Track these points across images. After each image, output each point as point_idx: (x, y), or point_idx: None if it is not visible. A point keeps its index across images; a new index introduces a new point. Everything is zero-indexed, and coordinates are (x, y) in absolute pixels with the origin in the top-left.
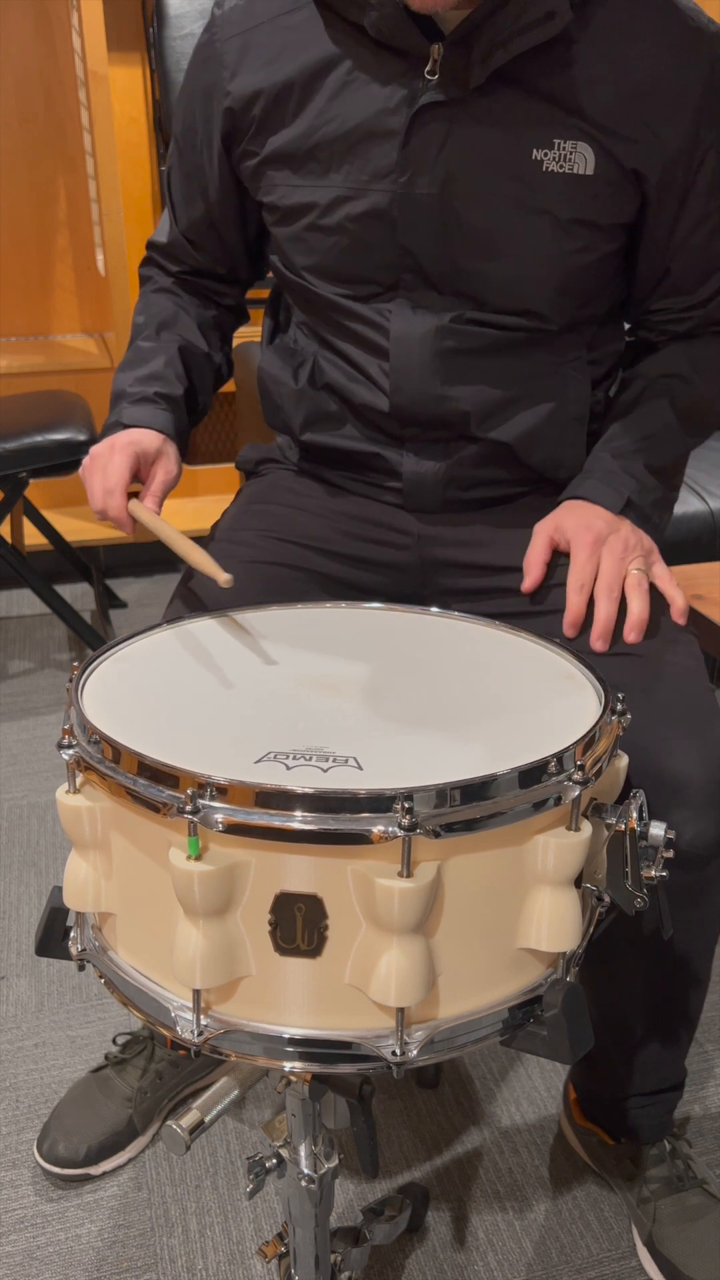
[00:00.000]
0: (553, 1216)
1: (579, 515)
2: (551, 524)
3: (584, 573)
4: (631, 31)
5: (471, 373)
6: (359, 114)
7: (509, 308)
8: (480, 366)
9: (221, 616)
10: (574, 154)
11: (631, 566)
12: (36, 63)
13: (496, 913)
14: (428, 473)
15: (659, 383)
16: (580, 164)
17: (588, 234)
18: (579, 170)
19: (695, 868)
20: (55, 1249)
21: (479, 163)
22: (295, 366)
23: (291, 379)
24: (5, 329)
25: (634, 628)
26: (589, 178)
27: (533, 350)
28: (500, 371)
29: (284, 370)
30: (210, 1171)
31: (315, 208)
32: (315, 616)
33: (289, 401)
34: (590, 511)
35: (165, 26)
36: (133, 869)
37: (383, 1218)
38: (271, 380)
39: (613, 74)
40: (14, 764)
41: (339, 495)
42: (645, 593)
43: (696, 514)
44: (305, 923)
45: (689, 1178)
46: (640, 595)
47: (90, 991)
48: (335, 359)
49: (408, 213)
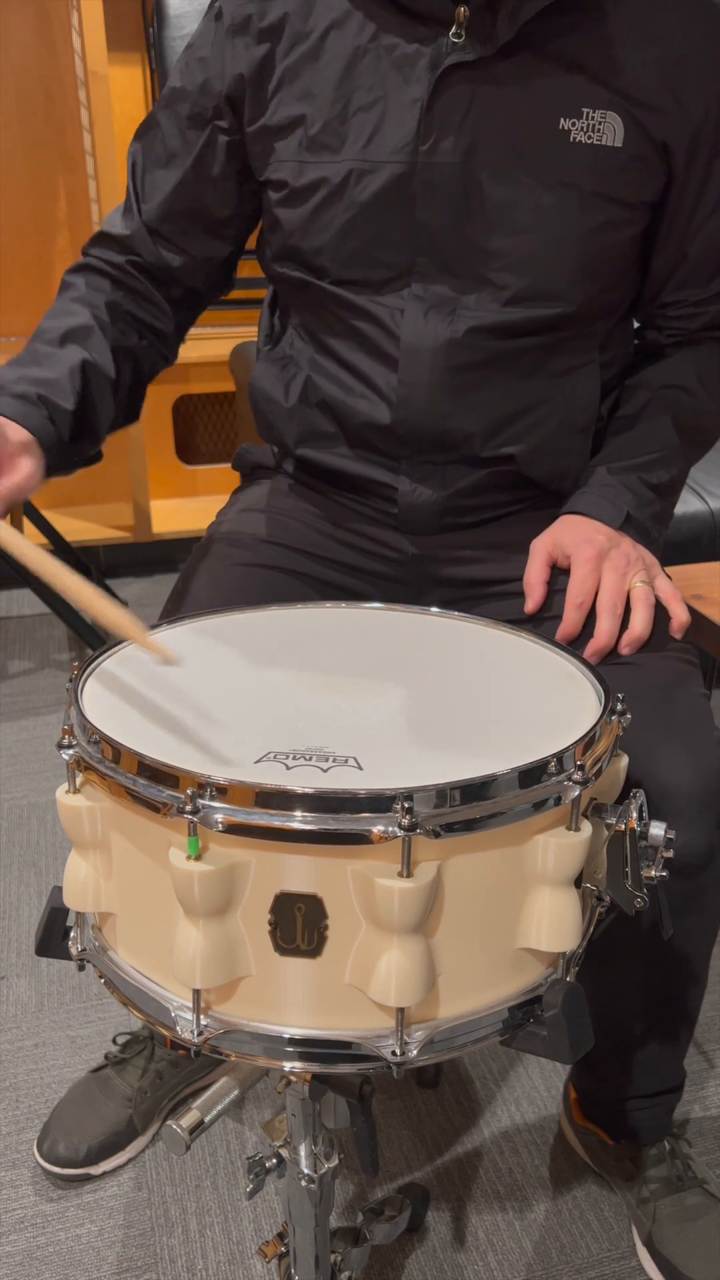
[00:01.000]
0: (553, 1216)
1: (578, 530)
2: (549, 540)
3: (584, 589)
4: (663, 2)
5: (482, 389)
6: (379, 81)
7: (528, 290)
8: (492, 382)
9: (221, 616)
10: (603, 124)
11: (636, 579)
12: (36, 63)
13: (496, 913)
14: (424, 500)
15: (663, 395)
16: (609, 135)
17: (613, 210)
18: (607, 142)
19: (689, 875)
20: (55, 1249)
21: (504, 131)
22: (287, 381)
23: (283, 396)
24: (5, 329)
25: (631, 643)
26: (617, 150)
27: (546, 357)
28: (511, 388)
29: (276, 385)
30: (210, 1171)
31: (327, 183)
32: (315, 616)
33: (281, 419)
34: (589, 526)
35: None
36: (133, 869)
37: (383, 1218)
38: (263, 397)
39: (643, 44)
40: (14, 764)
41: (333, 507)
42: (651, 606)
43: (696, 514)
44: (305, 923)
45: (689, 1178)
46: (645, 609)
47: (90, 991)
48: (333, 367)
49: (428, 184)
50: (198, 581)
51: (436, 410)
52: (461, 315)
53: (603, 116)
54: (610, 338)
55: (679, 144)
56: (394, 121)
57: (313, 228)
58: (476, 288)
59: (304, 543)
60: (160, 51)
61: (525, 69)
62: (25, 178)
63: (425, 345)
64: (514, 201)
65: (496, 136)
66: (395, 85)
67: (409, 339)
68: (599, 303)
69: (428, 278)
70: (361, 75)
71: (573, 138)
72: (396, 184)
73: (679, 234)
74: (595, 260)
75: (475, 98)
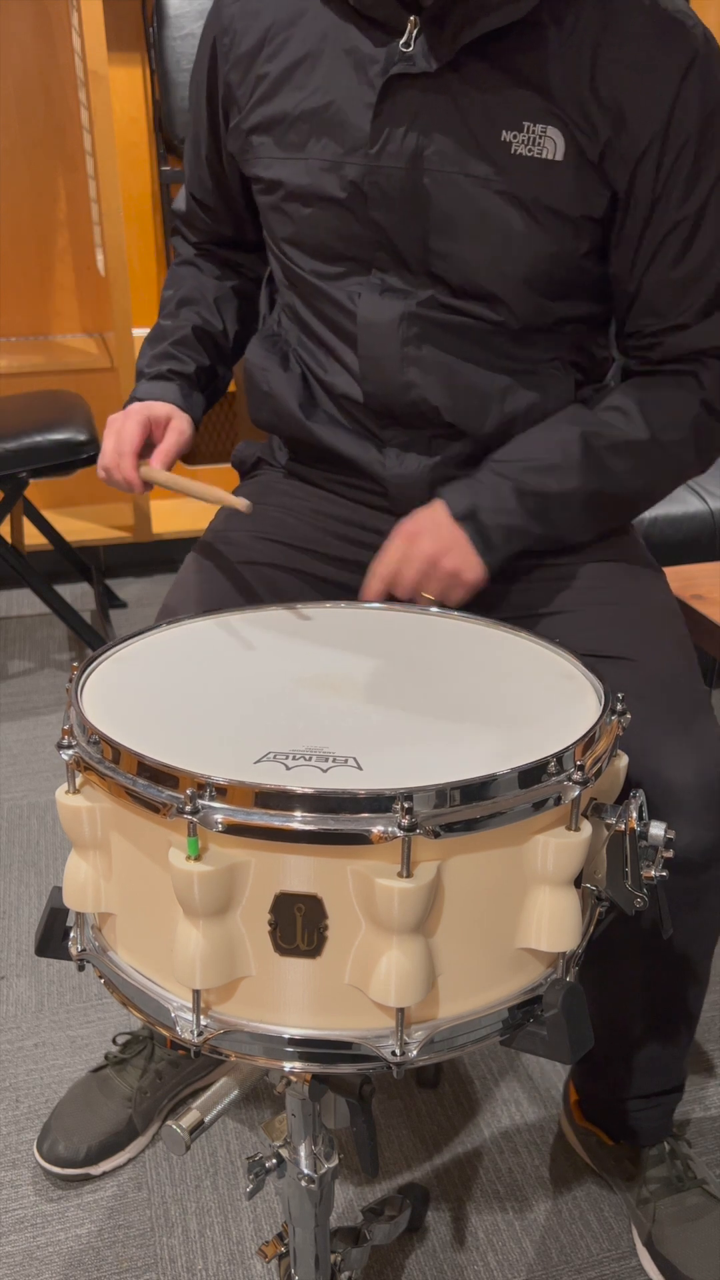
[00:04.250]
0: (553, 1216)
1: (422, 515)
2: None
3: (386, 572)
4: (611, 18)
5: (439, 363)
6: (338, 85)
7: (474, 293)
8: (447, 357)
9: (221, 616)
10: (543, 138)
11: (425, 592)
12: (36, 63)
13: (496, 912)
14: (410, 472)
15: (583, 411)
16: (549, 149)
17: (555, 224)
18: (547, 155)
19: (692, 873)
20: (55, 1249)
21: (448, 140)
22: (279, 356)
23: (278, 365)
24: (5, 329)
25: None
26: (557, 164)
27: (506, 345)
28: (470, 364)
29: (269, 358)
30: (210, 1171)
31: (293, 180)
32: (314, 616)
33: (278, 384)
34: (432, 513)
35: (165, 26)
36: (132, 869)
37: (383, 1218)
38: (257, 368)
39: (588, 60)
40: (14, 764)
41: (327, 499)
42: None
43: (696, 514)
44: (305, 923)
45: (688, 1178)
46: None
47: (90, 991)
48: (313, 346)
49: (378, 187)
50: (196, 581)
51: (399, 382)
52: (416, 295)
53: (543, 130)
54: (585, 345)
55: (623, 164)
56: (351, 123)
57: (281, 219)
58: (430, 283)
59: (299, 539)
60: (160, 51)
61: (472, 80)
62: (25, 178)
63: (381, 319)
64: (458, 208)
65: (441, 144)
66: (352, 87)
67: (365, 314)
68: (553, 315)
69: (388, 270)
70: (323, 76)
71: (514, 150)
72: (352, 184)
73: (628, 261)
74: (541, 273)
75: (421, 108)
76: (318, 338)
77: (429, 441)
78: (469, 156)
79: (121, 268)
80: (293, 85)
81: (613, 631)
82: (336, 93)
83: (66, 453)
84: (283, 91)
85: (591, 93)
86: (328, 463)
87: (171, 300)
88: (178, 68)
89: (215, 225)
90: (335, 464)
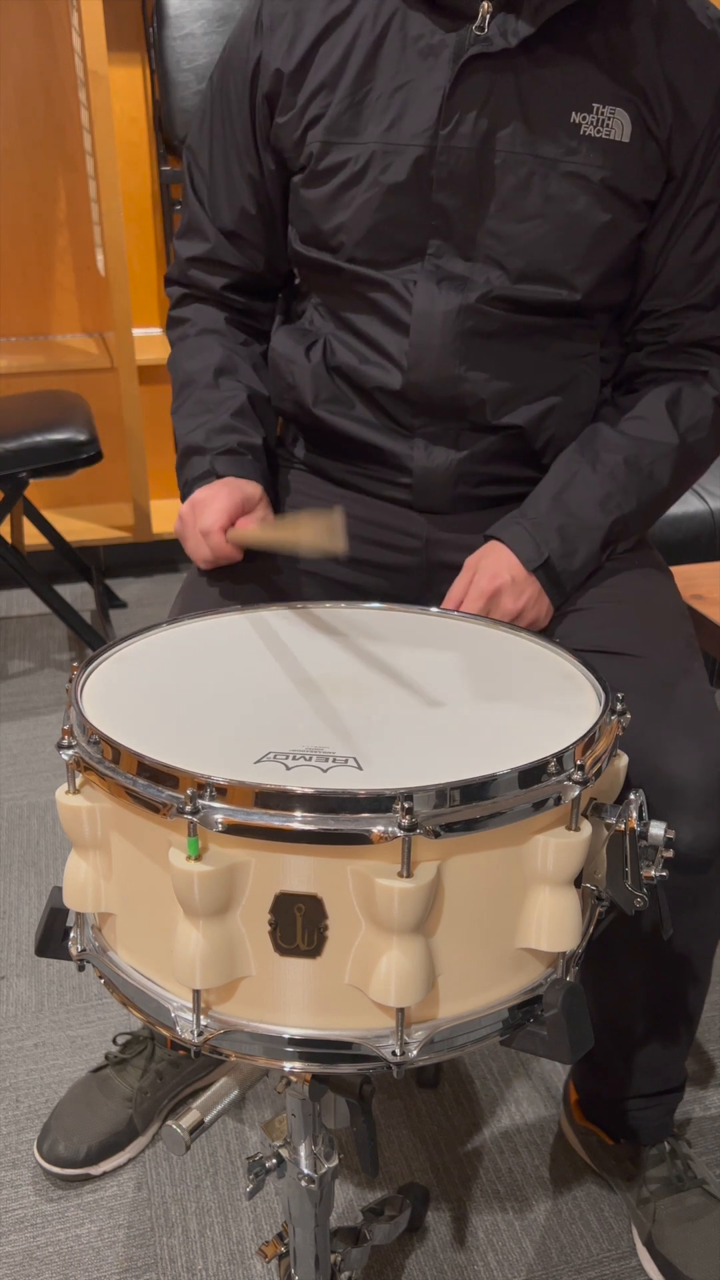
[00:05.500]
0: (553, 1216)
1: (492, 561)
2: (476, 560)
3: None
4: (681, 8)
5: (489, 358)
6: (404, 69)
7: (536, 273)
8: (498, 352)
9: (221, 616)
10: (611, 119)
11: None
12: (36, 63)
13: (496, 912)
14: (438, 465)
15: (625, 429)
16: (617, 130)
17: (617, 204)
18: (615, 136)
19: (695, 871)
20: (55, 1249)
21: (519, 120)
22: (307, 346)
23: (304, 356)
24: (5, 329)
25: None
26: (625, 145)
27: (552, 340)
28: (519, 361)
29: (296, 349)
30: (210, 1171)
31: (351, 165)
32: (315, 616)
33: (301, 377)
34: (505, 561)
35: (165, 26)
36: (132, 869)
37: (383, 1218)
38: (283, 359)
39: (655, 44)
40: (14, 764)
41: (345, 494)
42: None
43: (696, 514)
44: (305, 923)
45: (689, 1178)
46: None
47: (90, 991)
48: (350, 338)
49: (445, 168)
50: (202, 581)
51: (447, 374)
52: (473, 285)
53: (611, 112)
54: (609, 335)
55: (680, 147)
56: (416, 107)
57: (333, 207)
58: (486, 269)
59: None
60: (160, 51)
61: (543, 62)
62: (25, 178)
63: (437, 310)
64: (525, 187)
65: (511, 124)
66: (419, 73)
67: (421, 305)
68: (601, 295)
69: (442, 255)
70: (386, 63)
71: (582, 130)
72: (416, 167)
73: (663, 239)
74: (599, 251)
75: (494, 86)
76: (357, 330)
77: (458, 435)
78: (539, 138)
79: (121, 268)
80: (352, 73)
81: (621, 628)
82: (402, 77)
83: (66, 453)
84: (343, 77)
85: (657, 77)
86: (349, 455)
87: (205, 372)
88: (178, 68)
89: (248, 259)
90: (358, 455)
